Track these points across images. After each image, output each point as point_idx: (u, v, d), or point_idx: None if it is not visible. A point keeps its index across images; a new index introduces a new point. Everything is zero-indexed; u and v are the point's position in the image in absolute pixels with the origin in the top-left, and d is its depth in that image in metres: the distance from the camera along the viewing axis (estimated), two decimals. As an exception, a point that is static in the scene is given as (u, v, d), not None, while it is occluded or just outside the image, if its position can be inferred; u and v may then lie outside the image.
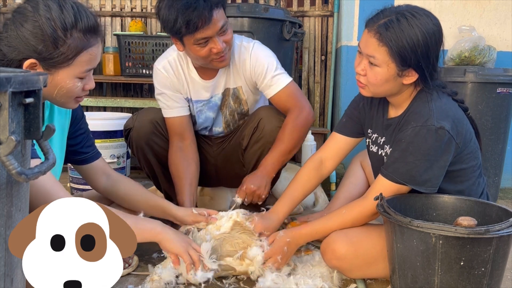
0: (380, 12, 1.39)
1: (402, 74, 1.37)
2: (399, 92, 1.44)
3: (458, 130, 1.37)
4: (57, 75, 1.18)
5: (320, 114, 3.53)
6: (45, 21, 1.13)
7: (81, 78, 1.22)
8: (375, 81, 1.39)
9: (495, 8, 2.84)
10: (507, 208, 1.30)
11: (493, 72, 2.39)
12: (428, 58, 1.35)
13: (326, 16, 3.43)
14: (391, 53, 1.33)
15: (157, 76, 1.89)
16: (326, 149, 1.72)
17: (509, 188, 2.94)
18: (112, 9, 3.55)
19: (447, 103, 1.41)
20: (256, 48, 1.86)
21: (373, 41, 1.35)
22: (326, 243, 1.48)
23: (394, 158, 1.40)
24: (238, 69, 1.87)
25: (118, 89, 3.58)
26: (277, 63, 1.86)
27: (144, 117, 1.93)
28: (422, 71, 1.36)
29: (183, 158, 1.88)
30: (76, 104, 1.30)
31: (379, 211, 1.30)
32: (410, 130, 1.36)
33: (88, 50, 1.20)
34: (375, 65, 1.37)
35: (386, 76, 1.37)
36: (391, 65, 1.35)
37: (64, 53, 1.16)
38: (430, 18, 1.35)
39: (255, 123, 1.86)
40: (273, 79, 1.84)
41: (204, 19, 1.61)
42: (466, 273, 1.16)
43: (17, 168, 0.71)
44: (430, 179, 1.36)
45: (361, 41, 1.41)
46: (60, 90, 1.21)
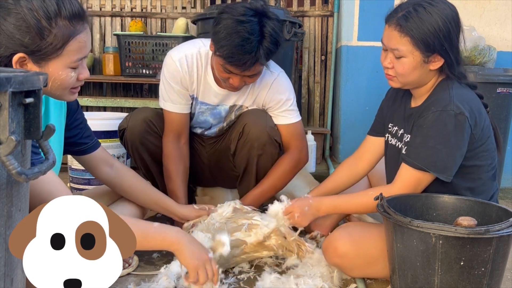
0: (398, 7, 1.43)
1: (428, 60, 1.40)
2: (426, 81, 1.46)
3: (476, 121, 1.38)
4: (49, 67, 1.14)
5: (320, 114, 3.53)
6: (27, 12, 1.08)
7: (74, 68, 1.19)
8: (403, 71, 1.42)
9: (495, 8, 2.84)
10: (507, 208, 1.30)
11: (493, 72, 2.39)
12: (450, 41, 1.38)
13: (326, 16, 3.44)
14: (414, 42, 1.37)
15: (169, 67, 1.84)
16: (358, 151, 1.78)
17: (509, 188, 2.94)
18: (112, 9, 3.55)
19: (468, 94, 1.43)
20: (280, 77, 1.88)
21: (394, 34, 1.40)
22: (328, 240, 1.48)
23: (415, 144, 1.42)
24: (254, 91, 1.87)
25: (118, 89, 3.58)
26: (293, 99, 1.90)
27: (137, 116, 1.92)
28: (447, 54, 1.39)
29: (178, 157, 1.89)
30: (72, 96, 1.26)
31: (379, 211, 1.30)
32: (431, 115, 1.38)
33: (76, 38, 1.16)
34: (400, 57, 1.41)
35: (413, 64, 1.40)
36: (416, 53, 1.38)
37: (52, 43, 1.11)
38: (447, 5, 1.39)
39: (240, 128, 1.85)
40: (284, 112, 1.88)
41: (242, 65, 1.62)
42: (466, 273, 1.16)
43: (17, 168, 0.71)
44: (450, 166, 1.38)
45: (384, 37, 1.45)
46: (54, 83, 1.17)
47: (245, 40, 1.57)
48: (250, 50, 1.58)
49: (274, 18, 1.65)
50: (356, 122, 3.06)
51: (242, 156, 1.87)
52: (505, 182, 2.84)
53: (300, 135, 1.92)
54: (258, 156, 1.84)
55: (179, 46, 1.90)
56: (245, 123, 1.83)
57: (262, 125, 1.82)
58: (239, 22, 1.57)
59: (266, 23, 1.61)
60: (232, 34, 1.57)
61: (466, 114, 1.35)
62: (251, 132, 1.81)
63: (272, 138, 1.82)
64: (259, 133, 1.81)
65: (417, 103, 1.52)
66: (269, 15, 1.63)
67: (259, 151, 1.82)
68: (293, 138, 1.90)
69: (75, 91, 1.26)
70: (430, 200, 1.42)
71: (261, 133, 1.81)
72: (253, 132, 1.81)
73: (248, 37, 1.57)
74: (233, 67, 1.63)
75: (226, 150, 1.97)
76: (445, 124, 1.35)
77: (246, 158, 1.86)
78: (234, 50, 1.58)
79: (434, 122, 1.37)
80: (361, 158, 1.75)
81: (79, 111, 1.55)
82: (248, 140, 1.82)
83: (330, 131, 3.36)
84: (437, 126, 1.36)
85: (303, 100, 3.50)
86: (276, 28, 1.64)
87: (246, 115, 1.87)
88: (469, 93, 1.44)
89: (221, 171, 2.07)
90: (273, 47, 1.63)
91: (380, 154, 1.73)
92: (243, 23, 1.57)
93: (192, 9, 3.53)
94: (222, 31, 1.60)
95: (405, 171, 1.43)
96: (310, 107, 3.54)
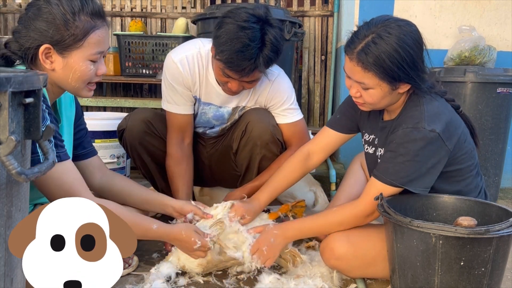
0: (354, 35, 1.39)
1: (396, 87, 1.38)
2: (396, 101, 1.45)
3: (450, 133, 1.37)
4: (71, 58, 1.29)
5: (320, 114, 3.53)
6: (55, 7, 1.26)
7: (93, 61, 1.33)
8: (372, 101, 1.41)
9: (495, 8, 2.84)
10: (507, 208, 1.30)
11: (493, 72, 2.39)
12: (414, 66, 1.35)
13: (326, 16, 3.44)
14: (379, 76, 1.34)
15: (170, 69, 1.84)
16: (315, 143, 1.74)
17: (509, 188, 2.94)
18: (112, 9, 3.55)
19: (440, 106, 1.41)
20: (279, 78, 1.88)
21: (357, 69, 1.36)
22: (325, 242, 1.48)
23: (385, 159, 1.41)
24: (256, 92, 1.87)
25: (118, 89, 3.58)
26: (294, 98, 1.91)
27: (136, 116, 1.93)
28: (413, 79, 1.36)
29: (182, 158, 1.88)
30: (89, 92, 1.40)
31: (379, 211, 1.30)
32: (401, 132, 1.37)
33: (96, 32, 1.31)
34: (368, 88, 1.38)
35: (381, 94, 1.38)
36: (383, 85, 1.36)
37: (74, 34, 1.27)
38: (404, 28, 1.34)
39: (243, 127, 1.85)
40: (285, 111, 1.89)
41: (241, 71, 1.62)
42: (466, 273, 1.16)
43: (17, 168, 0.71)
44: (419, 180, 1.37)
45: (346, 68, 1.42)
46: (74, 74, 1.31)
47: (245, 47, 1.57)
48: (250, 57, 1.58)
49: (276, 26, 1.65)
50: (356, 122, 3.06)
51: (245, 154, 1.87)
52: (505, 182, 2.84)
53: (301, 133, 1.92)
54: (260, 155, 1.84)
55: (179, 47, 1.89)
56: (248, 122, 1.83)
57: (265, 124, 1.82)
58: (241, 28, 1.58)
59: (268, 31, 1.61)
60: (233, 40, 1.58)
61: (438, 131, 1.33)
62: (254, 130, 1.81)
63: (275, 137, 1.83)
64: (262, 131, 1.81)
65: (390, 117, 1.51)
66: (271, 23, 1.63)
67: (262, 149, 1.83)
68: (295, 136, 1.90)
69: (92, 88, 1.41)
70: (430, 200, 1.42)
71: (264, 132, 1.81)
72: (256, 130, 1.81)
73: (248, 43, 1.57)
74: (232, 72, 1.64)
75: (228, 149, 1.97)
76: (415, 141, 1.34)
77: (248, 156, 1.86)
78: (234, 56, 1.59)
79: (404, 138, 1.36)
80: (319, 153, 1.72)
81: (83, 117, 1.61)
82: (251, 138, 1.83)
83: (330, 131, 3.36)
84: (407, 143, 1.35)
85: (303, 100, 3.50)
86: (278, 37, 1.64)
87: (249, 113, 1.88)
88: (441, 104, 1.43)
89: (221, 171, 2.07)
90: (273, 55, 1.63)
91: (333, 149, 1.73)
92: (245, 29, 1.57)
93: (192, 9, 3.53)
94: (223, 36, 1.60)
95: (374, 185, 1.40)
96: (310, 107, 3.54)
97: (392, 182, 1.37)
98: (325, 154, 1.73)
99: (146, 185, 2.48)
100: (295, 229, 1.53)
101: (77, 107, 1.56)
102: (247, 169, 1.90)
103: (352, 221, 1.45)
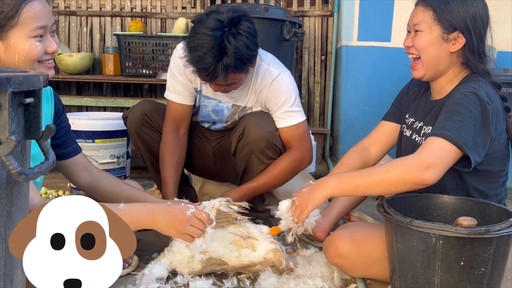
0: None
1: (448, 38, 1.39)
2: (446, 70, 1.44)
3: (497, 120, 1.35)
4: (10, 39, 1.18)
5: (320, 114, 3.54)
6: None
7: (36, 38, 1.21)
8: (419, 46, 1.42)
9: (495, 8, 2.83)
10: (507, 208, 1.30)
11: (493, 72, 2.39)
12: (474, 21, 1.37)
13: (326, 16, 3.44)
14: (435, 16, 1.39)
15: (175, 58, 1.87)
16: (369, 136, 1.73)
17: (509, 188, 2.93)
18: (112, 9, 3.55)
19: (495, 96, 1.39)
20: (280, 77, 1.84)
21: (419, 9, 1.43)
22: (329, 240, 1.48)
23: (442, 119, 1.32)
24: (256, 91, 1.86)
25: (118, 89, 3.58)
26: (295, 99, 1.86)
27: (137, 108, 1.99)
28: (469, 34, 1.37)
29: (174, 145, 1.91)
30: (47, 70, 1.28)
31: (379, 211, 1.30)
32: (459, 94, 1.34)
33: (29, 5, 1.19)
34: (418, 31, 1.42)
35: (430, 38, 1.41)
36: (435, 27, 1.39)
37: (3, 11, 1.16)
38: None
39: (240, 130, 1.84)
40: (285, 114, 1.85)
41: (204, 77, 1.66)
42: (466, 273, 1.16)
43: (17, 168, 0.71)
44: (476, 144, 1.28)
45: (409, 18, 1.48)
46: (19, 55, 1.20)
47: (201, 57, 1.59)
48: (207, 66, 1.59)
49: (246, 31, 1.61)
50: (356, 122, 3.06)
51: (242, 158, 1.87)
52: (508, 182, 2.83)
53: (301, 136, 1.89)
54: (257, 159, 1.83)
55: None
56: (246, 125, 1.83)
57: (262, 129, 1.80)
58: (203, 36, 1.59)
59: (230, 38, 1.58)
60: (194, 48, 1.60)
61: (493, 106, 1.31)
62: (251, 135, 1.81)
63: (272, 143, 1.81)
64: (259, 137, 1.80)
65: (441, 95, 1.48)
66: (241, 28, 1.61)
67: (258, 154, 1.82)
68: (295, 139, 1.87)
69: (49, 66, 1.29)
70: (430, 200, 1.42)
71: (261, 137, 1.80)
72: (253, 135, 1.80)
73: (204, 53, 1.58)
74: (200, 78, 1.70)
75: (228, 149, 1.98)
76: (474, 104, 1.28)
77: (245, 160, 1.86)
78: (193, 64, 1.63)
79: (463, 99, 1.31)
80: (374, 144, 1.69)
81: (64, 113, 1.55)
82: (247, 142, 1.82)
83: (330, 131, 3.36)
84: (466, 104, 1.29)
85: (303, 100, 3.50)
86: (244, 42, 1.60)
87: (248, 117, 1.88)
88: (496, 95, 1.40)
89: (226, 167, 2.08)
90: (236, 62, 1.60)
91: (393, 142, 1.67)
92: (206, 36, 1.58)
93: (192, 9, 3.54)
94: (189, 43, 1.63)
95: (432, 141, 1.27)
96: (310, 107, 3.54)
97: (453, 139, 1.24)
98: (381, 145, 1.69)
99: (147, 185, 2.49)
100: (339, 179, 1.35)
101: (56, 103, 1.49)
102: (244, 172, 1.90)
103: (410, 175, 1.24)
